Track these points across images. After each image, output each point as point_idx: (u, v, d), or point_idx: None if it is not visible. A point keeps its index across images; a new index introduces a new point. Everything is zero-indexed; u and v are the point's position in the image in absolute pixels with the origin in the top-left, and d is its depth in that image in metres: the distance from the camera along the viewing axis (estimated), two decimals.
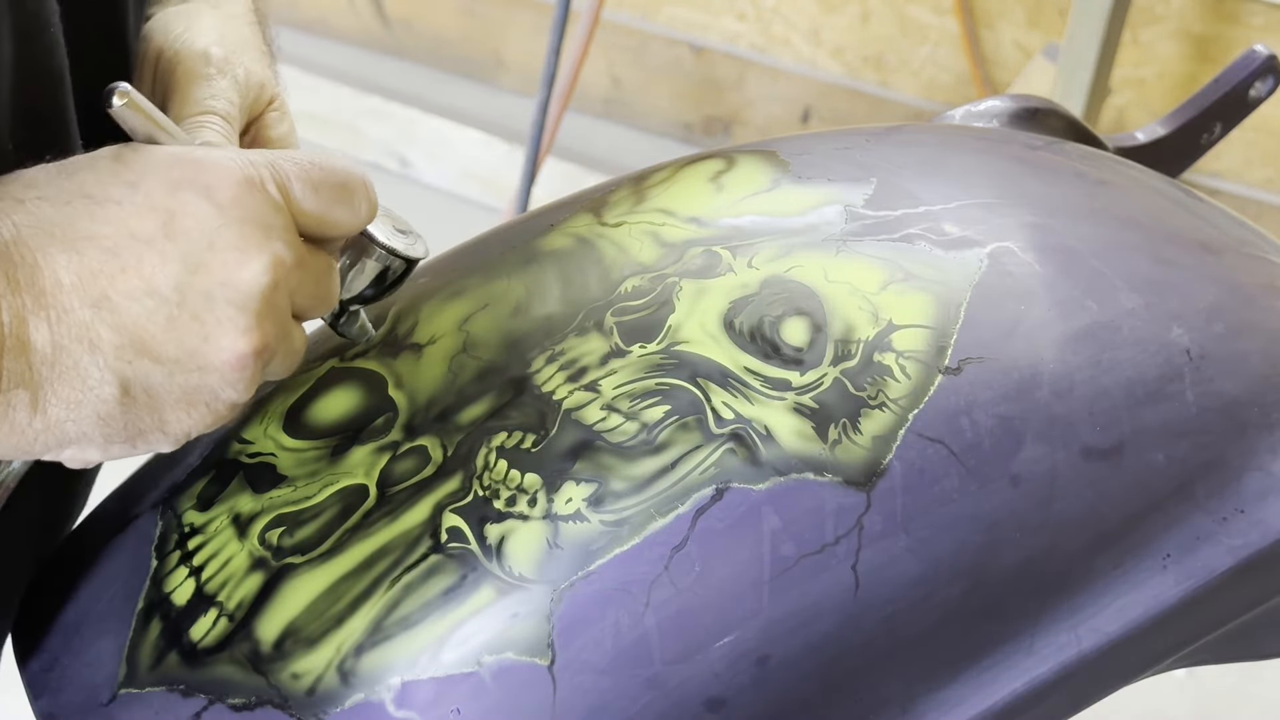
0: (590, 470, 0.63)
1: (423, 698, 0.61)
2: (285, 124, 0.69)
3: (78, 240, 0.56)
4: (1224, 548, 0.65)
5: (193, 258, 0.56)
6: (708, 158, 0.78)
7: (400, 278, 0.66)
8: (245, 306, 0.57)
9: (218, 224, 0.57)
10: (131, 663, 0.67)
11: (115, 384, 0.56)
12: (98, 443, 0.58)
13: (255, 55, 0.69)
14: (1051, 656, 0.63)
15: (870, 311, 0.66)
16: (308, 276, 0.60)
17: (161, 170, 0.58)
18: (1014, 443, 0.64)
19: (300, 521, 0.66)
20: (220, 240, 0.57)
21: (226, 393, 0.58)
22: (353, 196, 0.61)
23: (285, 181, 0.59)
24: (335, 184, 0.60)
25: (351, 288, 0.66)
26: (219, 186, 0.57)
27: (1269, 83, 0.97)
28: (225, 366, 0.57)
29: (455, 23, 2.97)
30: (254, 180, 0.58)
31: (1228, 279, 0.72)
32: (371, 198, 0.62)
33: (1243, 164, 2.45)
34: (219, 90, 0.65)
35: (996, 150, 0.81)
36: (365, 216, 0.62)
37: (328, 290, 0.62)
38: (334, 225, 0.61)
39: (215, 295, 0.57)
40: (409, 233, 0.66)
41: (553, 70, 2.09)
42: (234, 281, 0.57)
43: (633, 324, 0.68)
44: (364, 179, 0.62)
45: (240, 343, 0.57)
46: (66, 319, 0.55)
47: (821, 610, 0.61)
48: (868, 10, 2.60)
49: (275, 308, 0.58)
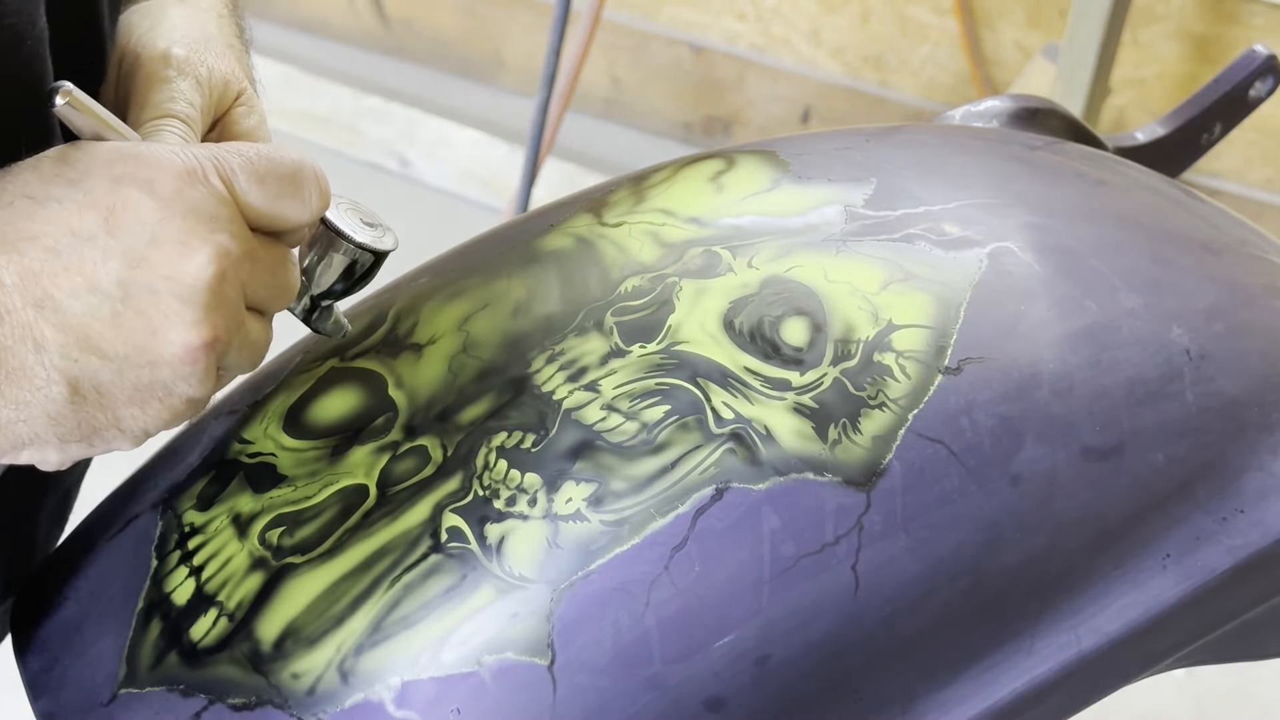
0: (590, 470, 0.63)
1: (423, 697, 0.61)
2: (253, 117, 0.69)
3: (18, 240, 0.56)
4: (1224, 548, 0.65)
5: (135, 253, 0.56)
6: (708, 158, 0.78)
7: (369, 271, 0.65)
8: (191, 299, 0.56)
9: (159, 218, 0.56)
10: (131, 663, 0.67)
11: (63, 383, 0.56)
12: (53, 443, 0.58)
13: (220, 51, 0.68)
14: (1051, 656, 0.63)
15: (870, 311, 0.66)
16: (259, 268, 0.59)
17: (103, 167, 0.57)
18: (1014, 443, 0.64)
19: (300, 521, 0.66)
20: (162, 234, 0.56)
21: (180, 387, 0.58)
22: (301, 188, 0.60)
23: (229, 173, 0.58)
24: (283, 175, 0.60)
25: (321, 283, 0.65)
26: (160, 180, 0.57)
27: (1269, 83, 0.97)
28: (175, 360, 0.57)
29: (455, 23, 2.97)
30: (196, 172, 0.58)
31: (1228, 279, 0.73)
32: (323, 188, 0.61)
33: (1243, 164, 2.45)
34: (179, 92, 0.64)
35: (996, 150, 0.81)
36: (316, 207, 0.61)
37: (284, 281, 0.61)
38: (283, 217, 0.60)
39: (159, 289, 0.56)
40: (377, 225, 0.66)
41: (553, 70, 2.09)
42: (178, 275, 0.56)
43: (633, 324, 0.68)
44: (314, 169, 0.61)
45: (189, 335, 0.57)
46: (9, 319, 0.55)
47: (821, 610, 0.61)
48: (868, 10, 2.60)
49: (224, 299, 0.57)
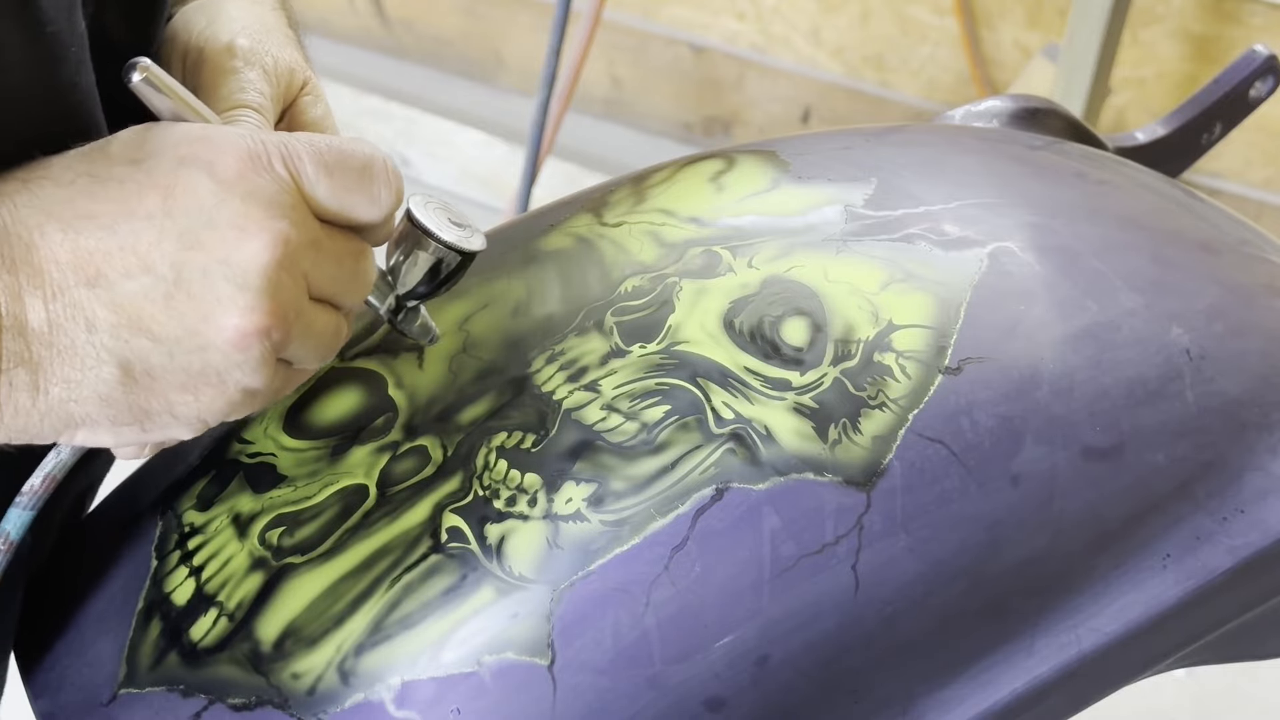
0: (590, 470, 0.63)
1: (423, 697, 0.61)
2: (320, 106, 0.68)
3: (75, 218, 0.55)
4: (1224, 548, 0.65)
5: (191, 234, 0.55)
6: (708, 158, 0.78)
7: (455, 271, 0.64)
8: (245, 284, 0.55)
9: (218, 200, 0.56)
10: (131, 663, 0.67)
11: (114, 364, 0.56)
12: (104, 425, 0.57)
13: (282, 41, 0.68)
14: (1051, 656, 0.63)
15: (870, 311, 0.66)
16: (324, 258, 0.58)
17: (168, 148, 0.57)
18: (1014, 443, 0.64)
19: (300, 521, 0.66)
20: (219, 217, 0.56)
21: (234, 375, 0.57)
22: (371, 183, 0.59)
23: (295, 161, 0.58)
24: (352, 168, 0.59)
25: (406, 282, 0.64)
26: (222, 163, 0.56)
27: (1269, 83, 0.97)
28: (227, 345, 0.56)
29: (455, 23, 2.97)
30: (260, 157, 0.57)
31: (1228, 279, 0.72)
32: (394, 186, 0.60)
33: (1243, 164, 2.45)
34: (248, 82, 0.64)
35: (996, 150, 0.81)
36: (386, 204, 0.60)
37: (353, 273, 0.60)
38: (350, 210, 0.59)
39: (213, 272, 0.55)
40: (465, 225, 0.65)
41: (553, 70, 2.09)
42: (232, 259, 0.55)
43: (633, 324, 0.68)
44: (386, 166, 0.60)
45: (241, 320, 0.56)
46: (62, 297, 0.55)
47: (821, 610, 0.61)
48: (868, 10, 2.60)
49: (282, 287, 0.56)
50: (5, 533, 0.64)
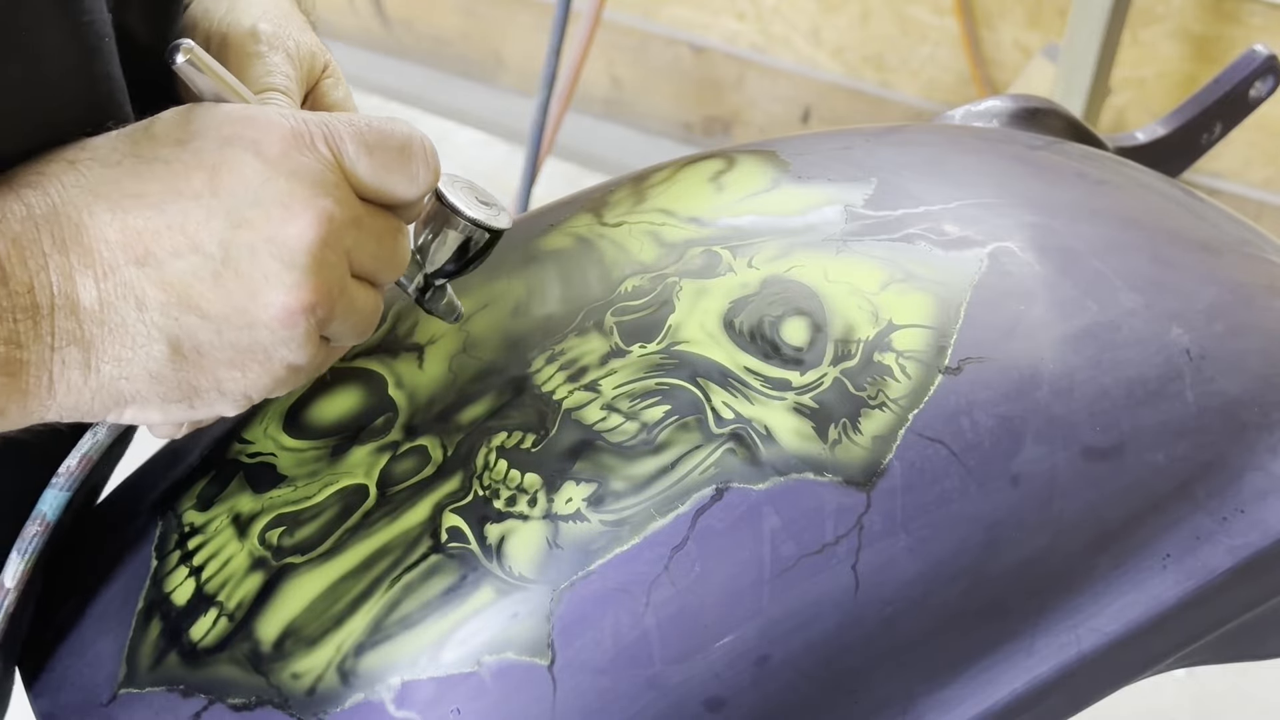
0: (590, 470, 0.63)
1: (423, 697, 0.61)
2: (341, 89, 0.69)
3: (123, 199, 0.56)
4: (1224, 548, 0.65)
5: (238, 213, 0.56)
6: (708, 158, 0.78)
7: (483, 249, 0.65)
8: (292, 262, 0.56)
9: (263, 179, 0.56)
10: (131, 663, 0.67)
11: (164, 341, 0.56)
12: (154, 403, 0.58)
13: (301, 25, 0.68)
14: (1051, 656, 0.63)
15: (870, 311, 0.66)
16: (365, 236, 0.59)
17: (213, 128, 0.57)
18: (1014, 443, 0.64)
19: (300, 521, 0.66)
20: (266, 195, 0.56)
21: (280, 351, 0.58)
22: (410, 161, 0.60)
23: (338, 141, 0.58)
24: (391, 147, 0.59)
25: (434, 261, 0.65)
26: (267, 142, 0.57)
27: (1269, 83, 0.97)
28: (274, 322, 0.57)
29: (455, 23, 2.97)
30: (304, 136, 0.58)
31: (1228, 279, 0.72)
32: (432, 164, 0.61)
33: (1243, 164, 2.45)
34: (274, 66, 0.65)
35: (997, 150, 0.81)
36: (424, 182, 0.61)
37: (392, 250, 0.61)
38: (390, 189, 0.60)
39: (260, 250, 0.56)
40: (493, 204, 0.66)
41: (553, 70, 2.09)
42: (280, 236, 0.56)
43: (633, 324, 0.68)
44: (424, 144, 0.61)
45: (288, 298, 0.56)
46: (113, 276, 0.56)
47: (821, 610, 0.61)
48: (868, 10, 2.60)
49: (325, 264, 0.57)
50: (42, 514, 0.66)
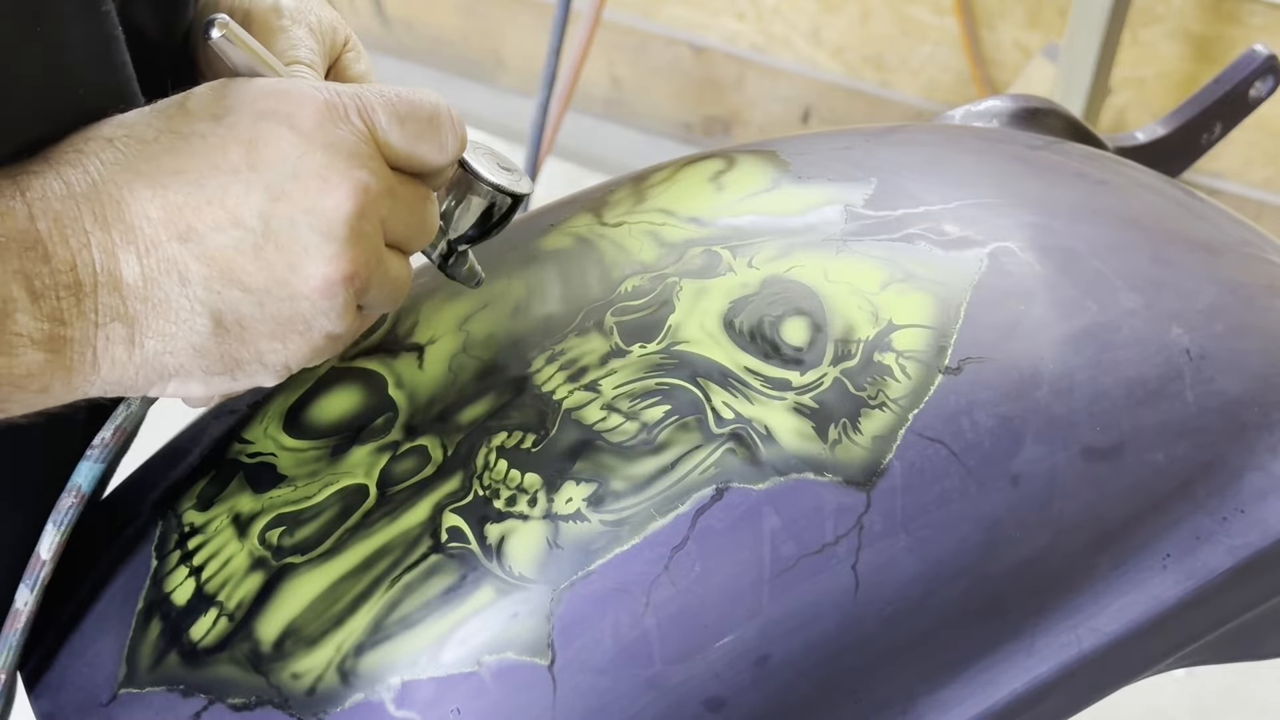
0: (590, 470, 0.63)
1: (423, 697, 0.61)
2: (363, 63, 0.70)
3: (162, 175, 0.56)
4: (1224, 548, 0.65)
5: (276, 187, 0.57)
6: (708, 158, 0.78)
7: (506, 214, 0.66)
8: (331, 233, 0.57)
9: (300, 152, 0.57)
10: (131, 663, 0.67)
11: (207, 315, 0.57)
12: (197, 375, 0.59)
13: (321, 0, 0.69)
14: (1051, 656, 0.63)
15: (870, 311, 0.66)
16: (399, 205, 0.60)
17: (248, 103, 0.58)
18: (1014, 443, 0.64)
19: (300, 521, 0.66)
20: (303, 168, 0.57)
21: (320, 321, 0.58)
22: (440, 130, 0.61)
23: (370, 112, 0.59)
24: (422, 117, 0.61)
25: (458, 227, 0.66)
26: (301, 115, 0.58)
27: (1269, 83, 0.97)
28: (315, 294, 0.57)
29: (455, 23, 2.97)
30: (337, 109, 0.58)
31: (1228, 279, 0.72)
32: (459, 132, 0.62)
33: (1243, 164, 2.45)
34: (298, 40, 0.66)
35: (997, 150, 0.81)
36: (453, 150, 0.62)
37: (422, 219, 0.62)
38: (421, 157, 0.61)
39: (300, 223, 0.57)
40: (513, 170, 0.66)
41: (553, 70, 2.09)
42: (318, 209, 0.57)
43: (633, 324, 0.68)
44: (451, 113, 0.62)
45: (328, 269, 0.57)
46: (155, 252, 0.56)
47: (821, 610, 0.61)
48: (868, 10, 2.60)
49: (363, 235, 0.58)
50: (77, 485, 0.67)
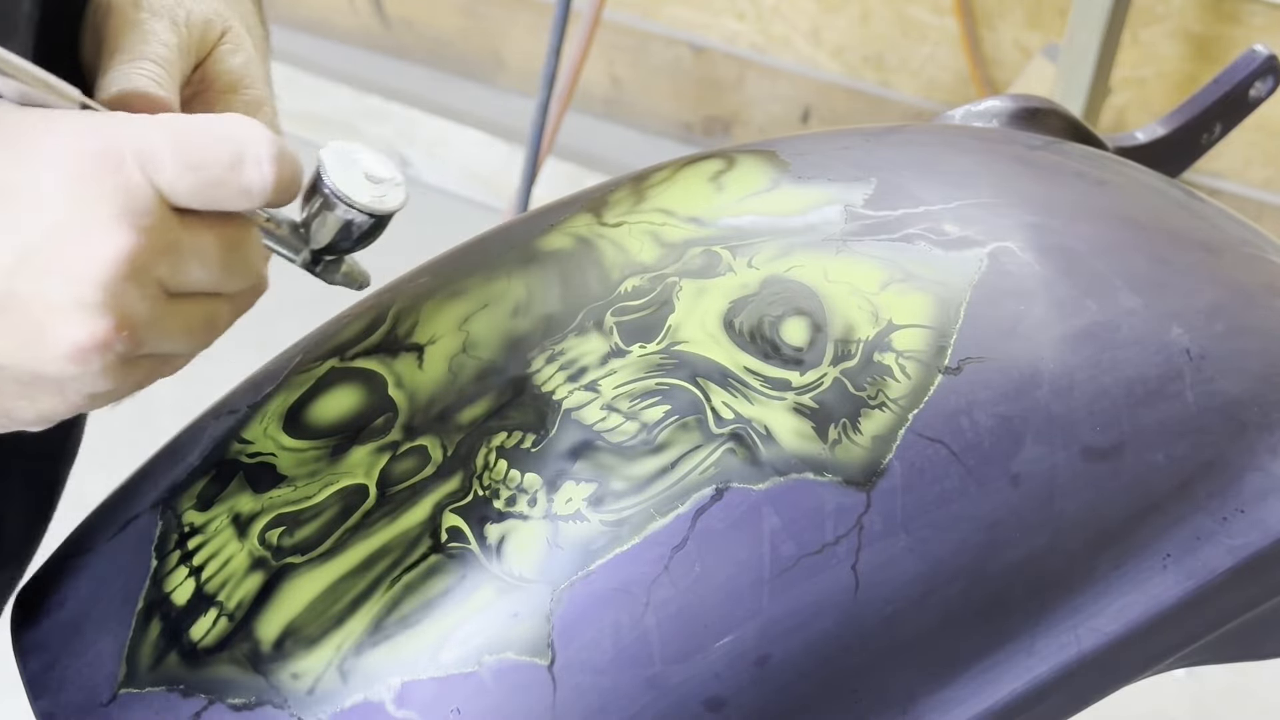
0: (590, 470, 0.63)
1: (423, 698, 0.61)
2: (240, 55, 0.63)
3: None
4: (1224, 548, 0.65)
5: (27, 241, 0.52)
6: (708, 158, 0.78)
7: (369, 232, 0.60)
8: (82, 300, 0.52)
9: (58, 207, 0.52)
10: (131, 663, 0.66)
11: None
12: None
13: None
14: (1051, 656, 0.63)
15: (870, 311, 0.66)
16: (187, 258, 0.54)
17: (9, 139, 0.53)
18: (1014, 443, 0.64)
19: (300, 521, 0.66)
20: (60, 225, 0.52)
21: (73, 385, 0.54)
22: (242, 173, 0.54)
23: (152, 159, 0.53)
24: (219, 161, 0.54)
25: (318, 239, 0.60)
26: (69, 160, 0.52)
27: (1269, 83, 0.97)
28: (62, 359, 0.53)
29: (455, 23, 2.97)
30: (111, 155, 0.53)
31: (1228, 279, 0.72)
32: (270, 171, 0.55)
33: (1243, 164, 2.45)
34: (151, 33, 0.59)
35: (996, 150, 0.81)
36: (260, 194, 0.55)
37: (226, 265, 0.56)
38: (219, 204, 0.55)
39: (50, 284, 0.52)
40: (385, 180, 0.59)
41: (553, 70, 2.09)
42: (71, 272, 0.52)
43: (633, 324, 0.68)
44: (261, 149, 0.55)
45: (77, 334, 0.52)
46: None
47: (821, 610, 0.61)
48: (868, 10, 2.60)
49: (125, 297, 0.53)
50: None
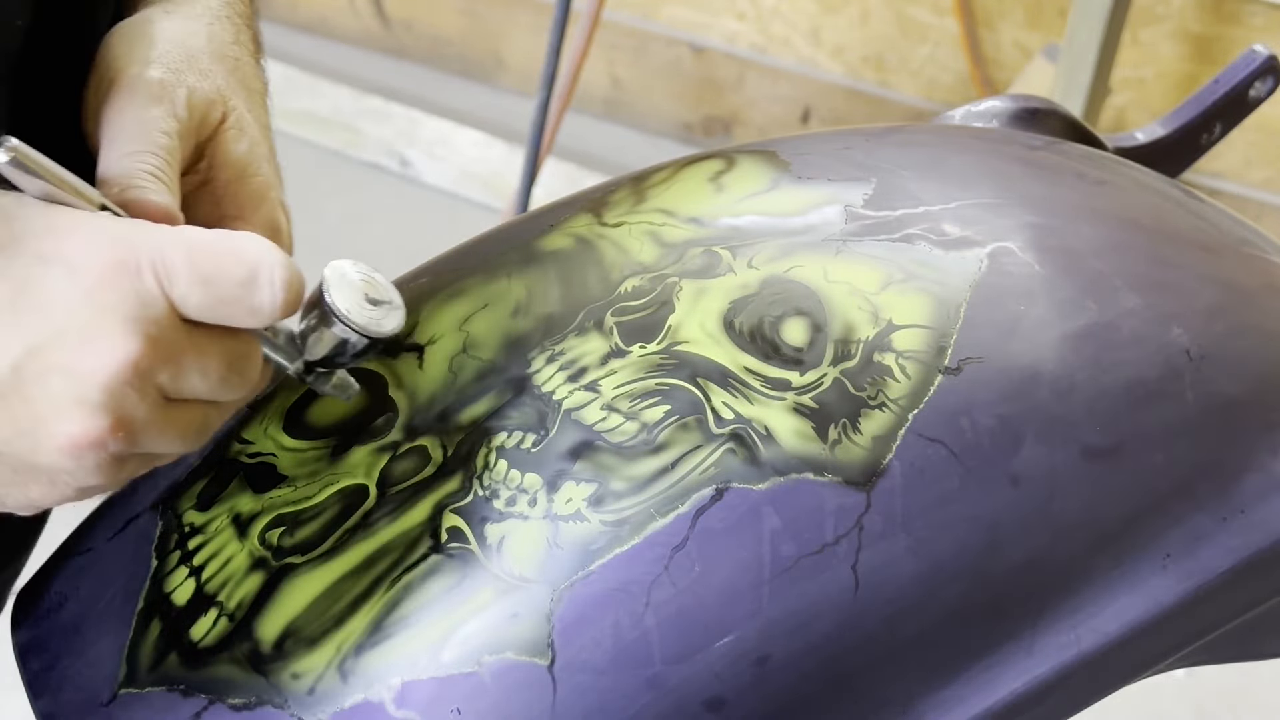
0: (590, 470, 0.63)
1: (423, 697, 0.61)
2: (244, 142, 0.64)
3: None
4: (1224, 548, 0.65)
5: (36, 337, 0.53)
6: (708, 158, 0.78)
7: (364, 352, 0.62)
8: (83, 398, 0.54)
9: (72, 307, 0.54)
10: (131, 663, 0.67)
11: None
12: None
13: (205, 68, 0.64)
14: (1051, 656, 0.63)
15: (870, 311, 0.66)
16: (188, 369, 0.56)
17: (32, 237, 0.54)
18: (1014, 443, 0.64)
19: (300, 521, 0.66)
20: (70, 324, 0.54)
21: (64, 477, 0.56)
22: (255, 292, 0.57)
23: (167, 272, 0.55)
24: (232, 279, 0.56)
25: (314, 351, 0.62)
26: (86, 267, 0.54)
27: (1269, 83, 0.97)
28: (58, 453, 0.55)
29: (455, 23, 2.97)
30: (127, 265, 0.54)
31: (1228, 279, 0.72)
32: (279, 293, 0.57)
33: (1243, 164, 2.45)
34: (152, 121, 0.61)
35: (996, 150, 0.81)
36: (269, 313, 0.57)
37: (224, 379, 0.58)
38: (227, 320, 0.57)
39: (53, 380, 0.54)
40: (383, 303, 0.62)
41: (553, 70, 2.09)
42: (76, 369, 0.53)
43: (633, 324, 0.68)
44: (275, 270, 0.57)
45: (75, 431, 0.54)
46: None
47: (821, 610, 0.61)
48: (868, 10, 2.60)
49: (125, 400, 0.54)
50: None
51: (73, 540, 0.75)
